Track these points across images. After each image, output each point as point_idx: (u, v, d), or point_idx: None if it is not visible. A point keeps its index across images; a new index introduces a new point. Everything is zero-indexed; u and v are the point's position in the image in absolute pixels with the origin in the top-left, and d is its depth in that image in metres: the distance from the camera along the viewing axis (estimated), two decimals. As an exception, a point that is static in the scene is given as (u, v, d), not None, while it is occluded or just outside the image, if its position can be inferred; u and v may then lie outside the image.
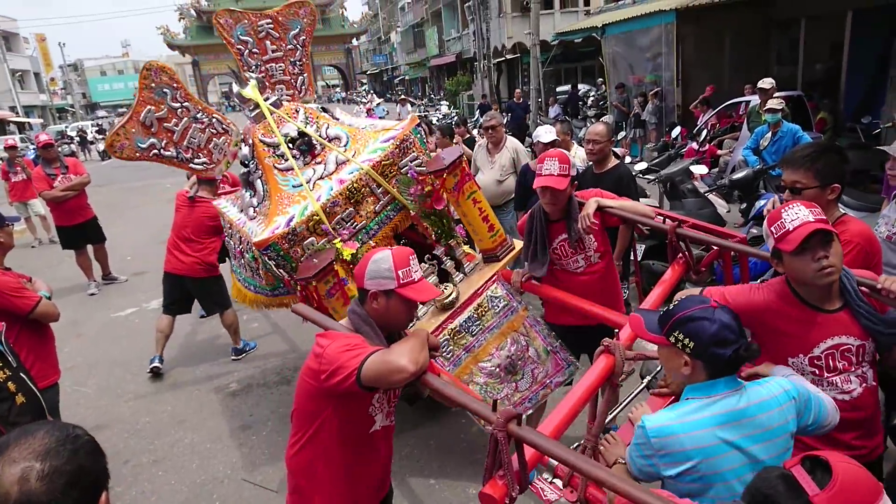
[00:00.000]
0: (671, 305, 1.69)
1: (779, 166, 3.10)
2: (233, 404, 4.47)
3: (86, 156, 25.31)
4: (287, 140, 3.28)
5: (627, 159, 10.79)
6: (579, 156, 5.14)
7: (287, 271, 2.99)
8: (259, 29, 3.76)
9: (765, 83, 7.27)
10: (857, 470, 1.21)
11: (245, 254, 3.30)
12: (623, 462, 1.76)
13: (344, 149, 3.33)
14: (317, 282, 2.75)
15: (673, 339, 1.63)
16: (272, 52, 3.85)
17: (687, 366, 1.62)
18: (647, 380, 2.42)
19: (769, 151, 6.28)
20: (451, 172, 3.12)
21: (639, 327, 1.77)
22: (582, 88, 18.81)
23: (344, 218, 3.09)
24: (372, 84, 57.96)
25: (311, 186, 3.15)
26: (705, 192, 6.32)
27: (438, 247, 3.36)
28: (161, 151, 3.83)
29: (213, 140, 4.06)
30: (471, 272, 3.39)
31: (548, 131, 4.95)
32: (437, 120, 17.45)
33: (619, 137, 12.93)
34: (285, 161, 3.25)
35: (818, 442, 1.85)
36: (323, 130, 3.40)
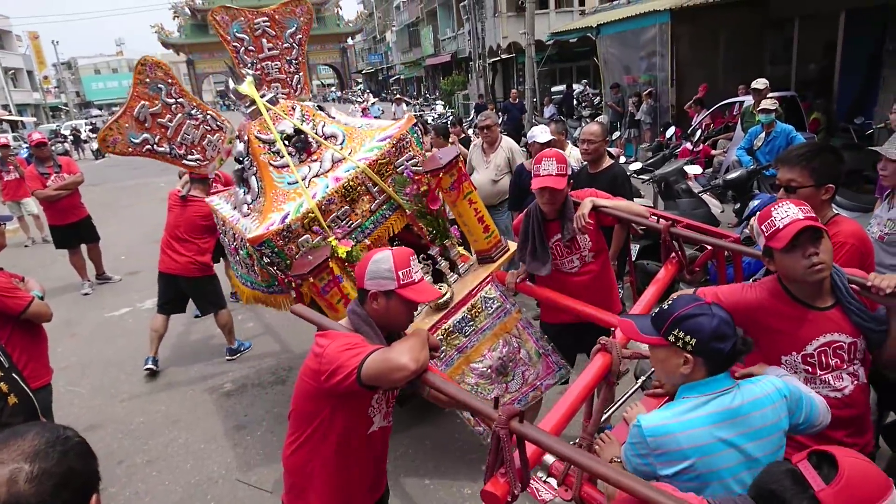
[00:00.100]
0: (664, 306, 1.69)
1: (774, 165, 3.11)
2: (227, 404, 4.46)
3: (79, 155, 25.17)
4: (283, 137, 3.27)
5: (622, 159, 10.84)
6: (574, 156, 5.15)
7: (281, 269, 2.99)
8: (255, 27, 3.75)
9: (758, 83, 7.31)
10: (866, 465, 1.20)
11: (240, 250, 3.29)
12: (618, 461, 1.76)
13: (340, 147, 3.32)
14: (312, 278, 2.74)
15: (672, 339, 1.62)
16: (268, 51, 3.84)
17: (686, 364, 1.62)
18: (642, 380, 2.43)
19: (763, 152, 6.31)
20: (448, 172, 3.13)
21: (631, 331, 1.75)
22: (577, 88, 18.84)
23: (339, 216, 3.09)
24: (367, 83, 57.83)
25: (307, 184, 3.14)
26: (699, 192, 6.34)
27: (433, 247, 3.36)
28: (154, 147, 3.81)
29: (208, 137, 4.05)
30: (465, 273, 3.40)
31: (543, 131, 4.96)
32: (433, 120, 17.44)
33: (614, 137, 12.96)
34: (281, 158, 3.24)
35: (811, 440, 1.86)
36: (319, 128, 3.39)
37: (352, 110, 19.81)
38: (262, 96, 3.42)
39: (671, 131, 10.80)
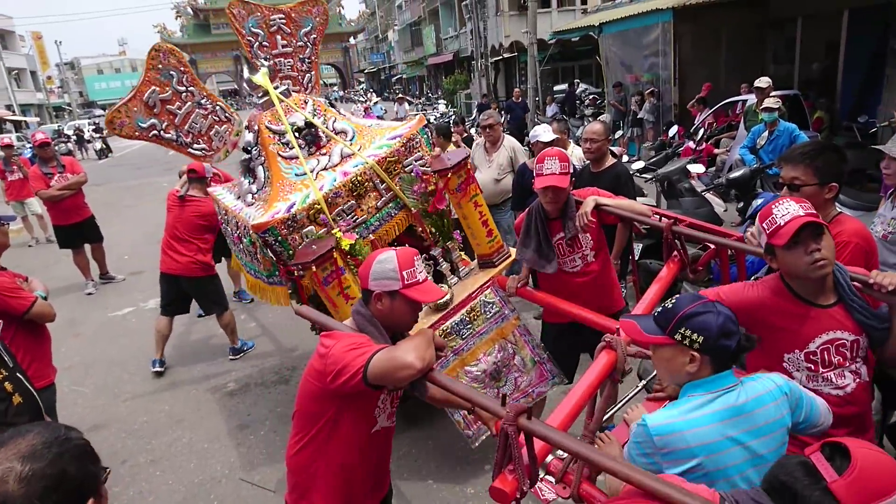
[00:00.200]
0: (668, 305, 1.69)
1: (777, 164, 3.10)
2: (230, 404, 4.47)
3: (83, 154, 25.21)
4: (293, 129, 3.29)
5: (625, 158, 10.78)
6: (576, 155, 5.14)
7: (283, 259, 2.99)
8: (271, 23, 3.78)
9: (761, 82, 7.29)
10: (879, 456, 1.18)
11: (243, 239, 3.30)
12: None
13: (350, 143, 3.34)
14: (315, 267, 2.74)
15: (679, 337, 1.61)
16: (282, 47, 3.88)
17: (693, 362, 1.61)
18: (646, 381, 2.42)
19: (766, 150, 6.30)
20: (456, 173, 3.15)
21: (635, 332, 1.74)
22: (579, 87, 18.82)
23: (345, 210, 3.11)
24: (369, 83, 57.82)
25: (315, 176, 3.15)
26: (702, 191, 6.34)
27: (436, 248, 3.37)
28: (161, 133, 3.82)
29: (215, 127, 4.06)
30: (465, 276, 3.41)
31: (547, 130, 4.96)
32: (435, 119, 17.44)
33: (617, 136, 12.95)
34: (290, 149, 3.26)
35: (814, 440, 1.86)
36: (330, 123, 3.42)
37: (354, 110, 19.81)
38: (276, 88, 3.44)
39: (674, 130, 10.78)
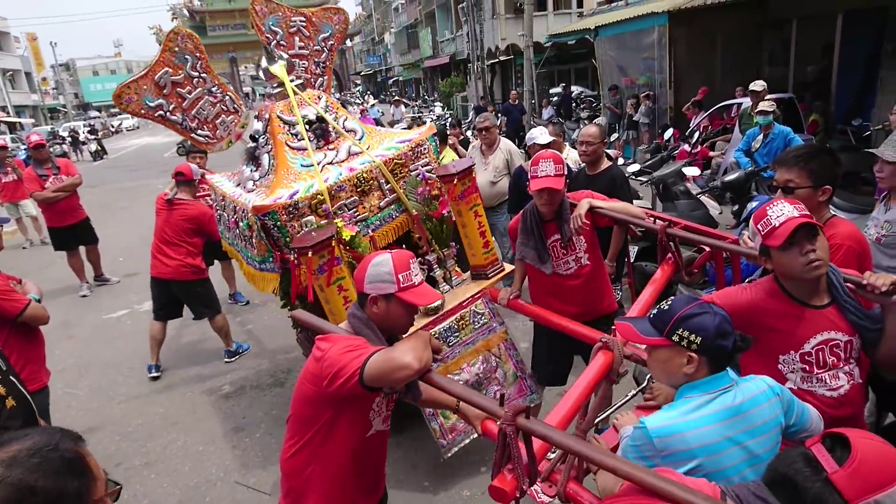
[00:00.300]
0: (664, 307, 1.69)
1: (772, 167, 3.12)
2: (226, 406, 4.45)
3: (78, 156, 25.13)
4: (304, 122, 3.34)
5: (620, 161, 10.84)
6: (572, 157, 5.15)
7: (280, 245, 3.00)
8: (291, 24, 3.85)
9: (756, 85, 7.32)
10: (881, 446, 1.17)
11: (239, 223, 3.32)
12: None
13: (359, 141, 3.40)
14: (312, 253, 2.74)
15: (677, 338, 1.61)
16: (299, 48, 3.93)
17: (690, 363, 1.61)
18: (644, 385, 2.42)
19: (761, 153, 6.32)
20: (461, 180, 3.20)
21: (631, 334, 1.74)
22: (575, 90, 18.86)
23: (347, 205, 3.14)
24: (366, 85, 57.81)
25: (320, 169, 3.19)
26: (697, 194, 6.36)
27: (431, 253, 3.39)
28: (167, 114, 3.83)
29: (222, 116, 4.09)
30: (457, 286, 3.45)
31: (543, 133, 4.97)
32: (431, 121, 17.45)
33: (612, 139, 12.96)
34: (299, 140, 3.30)
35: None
36: (341, 121, 3.47)
37: (351, 112, 19.77)
38: (291, 81, 3.49)
39: (669, 133, 10.81)
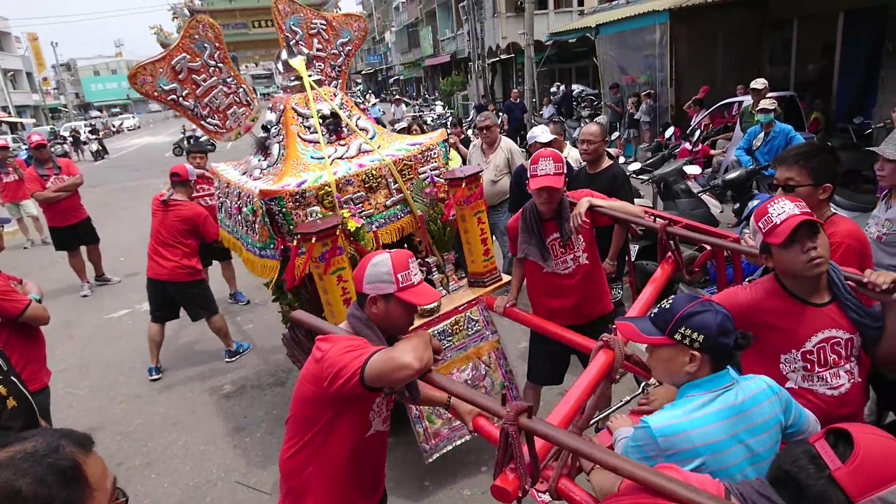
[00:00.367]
0: (665, 306, 1.69)
1: (772, 165, 3.12)
2: (226, 406, 4.45)
3: (79, 156, 25.14)
4: (318, 116, 3.38)
5: (621, 159, 10.84)
6: (573, 156, 5.15)
7: (283, 232, 3.02)
8: (312, 26, 3.90)
9: (757, 83, 7.31)
10: (884, 441, 1.15)
11: (243, 208, 3.34)
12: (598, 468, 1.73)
13: (370, 140, 3.44)
14: (316, 239, 2.75)
15: (679, 337, 1.61)
16: (316, 50, 3.98)
17: (692, 362, 1.61)
18: (640, 391, 2.41)
19: (762, 152, 6.31)
20: (468, 185, 3.23)
21: (633, 334, 1.74)
22: (576, 89, 18.83)
23: (353, 199, 3.16)
24: (367, 84, 57.77)
25: (330, 162, 3.23)
26: (699, 193, 6.35)
27: (431, 256, 3.40)
28: (179, 99, 3.86)
29: (234, 108, 4.12)
30: (453, 291, 3.47)
31: (545, 131, 4.97)
32: (432, 120, 17.44)
33: (613, 138, 12.95)
34: (312, 133, 3.35)
35: None
36: (354, 119, 3.51)
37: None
38: (309, 76, 3.53)
39: (670, 131, 10.80)
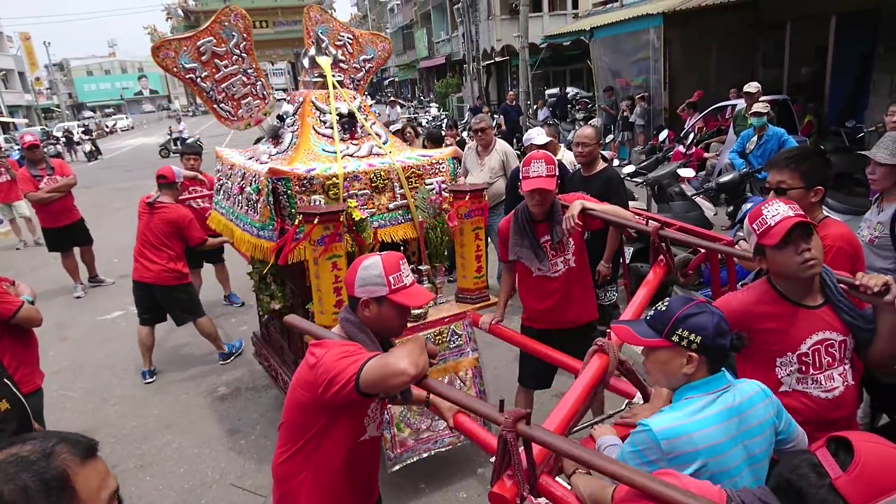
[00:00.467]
0: (661, 308, 1.69)
1: (765, 169, 3.14)
2: (221, 408, 4.44)
3: (72, 157, 25.00)
4: (336, 113, 3.45)
5: (615, 162, 10.86)
6: (567, 159, 5.16)
7: (283, 214, 3.04)
8: (339, 38, 3.95)
9: (750, 87, 7.36)
10: (885, 449, 1.14)
11: (246, 188, 3.37)
12: (582, 472, 1.73)
13: (382, 144, 3.50)
14: (319, 221, 2.77)
15: (676, 338, 1.61)
16: (338, 61, 4.02)
17: (690, 363, 1.61)
18: (622, 409, 2.39)
19: (755, 155, 6.35)
20: (472, 199, 3.27)
21: (629, 337, 1.74)
22: (570, 91, 18.88)
23: (358, 195, 3.19)
24: (361, 85, 57.73)
25: (341, 157, 3.28)
26: (692, 195, 6.38)
27: (425, 264, 3.41)
28: (197, 80, 3.90)
29: (249, 98, 4.17)
30: (440, 304, 3.48)
31: (540, 133, 5.00)
32: (427, 122, 17.46)
33: (608, 140, 13.00)
34: (327, 128, 3.40)
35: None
36: (369, 123, 3.57)
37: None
38: (333, 76, 3.60)
39: (664, 134, 10.84)
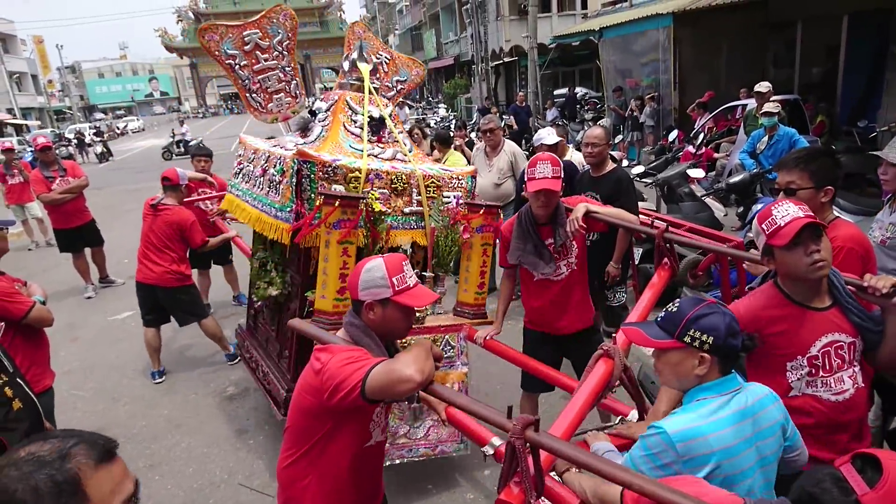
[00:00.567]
0: (672, 309, 1.68)
1: (774, 169, 3.12)
2: (230, 408, 4.46)
3: (83, 158, 25.21)
4: (367, 115, 3.54)
5: (625, 163, 10.83)
6: (576, 159, 5.15)
7: (304, 197, 3.09)
8: (377, 55, 4.02)
9: (761, 87, 7.30)
10: None
11: (269, 169, 3.43)
12: (576, 469, 1.71)
13: (408, 152, 3.57)
14: (339, 204, 2.82)
15: (688, 339, 1.61)
16: (375, 71, 4.07)
17: (702, 364, 1.61)
18: (620, 419, 2.38)
19: (766, 155, 6.30)
20: (485, 215, 3.30)
21: (641, 338, 1.73)
22: (579, 92, 18.83)
23: (377, 192, 3.22)
24: (370, 87, 57.88)
25: (365, 155, 3.34)
26: (702, 196, 6.35)
27: (430, 270, 3.42)
28: (236, 67, 3.99)
29: (281, 94, 4.25)
30: (439, 313, 3.50)
31: (551, 133, 5.00)
32: (435, 123, 17.47)
33: (617, 141, 12.95)
34: (357, 127, 3.49)
35: (811, 449, 1.85)
36: (397, 132, 3.65)
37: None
38: (371, 83, 3.71)
39: (674, 134, 10.79)
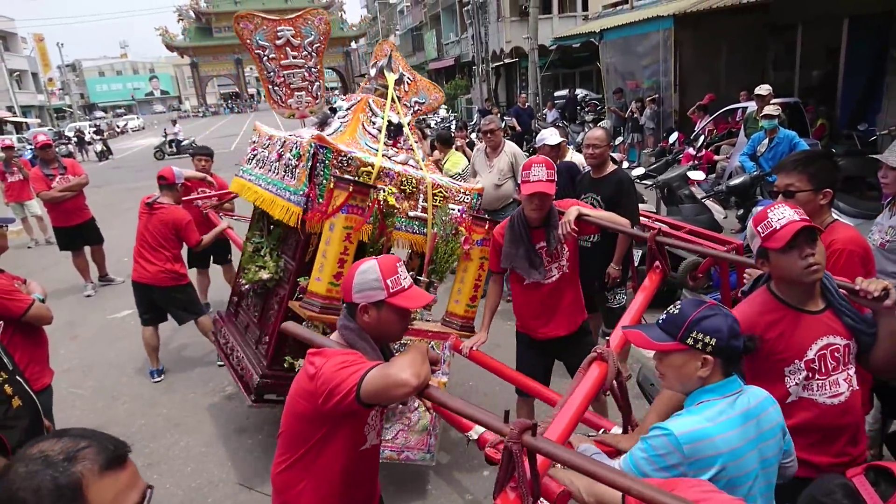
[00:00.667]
0: (674, 311, 1.68)
1: (774, 172, 3.12)
2: (228, 407, 4.46)
3: (83, 156, 25.21)
4: (387, 120, 3.61)
5: (625, 164, 10.84)
6: (576, 160, 5.16)
7: (316, 182, 3.10)
8: (402, 75, 4.05)
9: (762, 89, 7.31)
10: None
11: (285, 154, 3.46)
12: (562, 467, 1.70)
13: (420, 160, 3.62)
14: (353, 188, 2.84)
15: (691, 341, 1.61)
16: (400, 82, 4.09)
17: (705, 366, 1.61)
18: (602, 432, 2.37)
19: (766, 158, 6.31)
20: (490, 229, 3.31)
21: (643, 341, 1.72)
22: (579, 93, 18.82)
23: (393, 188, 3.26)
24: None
25: (380, 155, 3.39)
26: (702, 198, 6.36)
27: (425, 277, 3.43)
28: (264, 58, 4.09)
29: (303, 93, 4.33)
30: (428, 320, 3.51)
31: (553, 134, 5.00)
32: (436, 124, 17.44)
33: (617, 142, 12.96)
34: (375, 128, 3.54)
35: (808, 454, 1.85)
36: (412, 140, 3.70)
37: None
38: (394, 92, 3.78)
39: (674, 137, 10.80)
